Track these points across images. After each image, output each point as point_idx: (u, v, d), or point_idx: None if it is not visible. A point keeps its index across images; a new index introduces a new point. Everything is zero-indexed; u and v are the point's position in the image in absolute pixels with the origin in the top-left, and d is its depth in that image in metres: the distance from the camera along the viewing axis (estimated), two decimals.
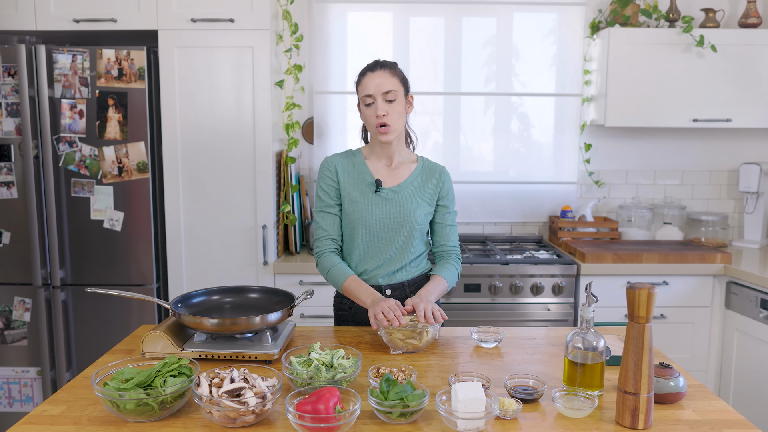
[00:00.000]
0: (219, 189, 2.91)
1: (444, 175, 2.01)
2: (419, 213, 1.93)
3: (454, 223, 2.03)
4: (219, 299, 1.82)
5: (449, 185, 2.01)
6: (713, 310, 3.00)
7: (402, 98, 1.90)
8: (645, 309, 1.24)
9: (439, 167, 2.02)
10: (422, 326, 1.69)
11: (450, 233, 2.02)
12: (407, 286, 1.98)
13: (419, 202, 1.94)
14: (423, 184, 1.97)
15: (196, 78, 2.85)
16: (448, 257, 2.02)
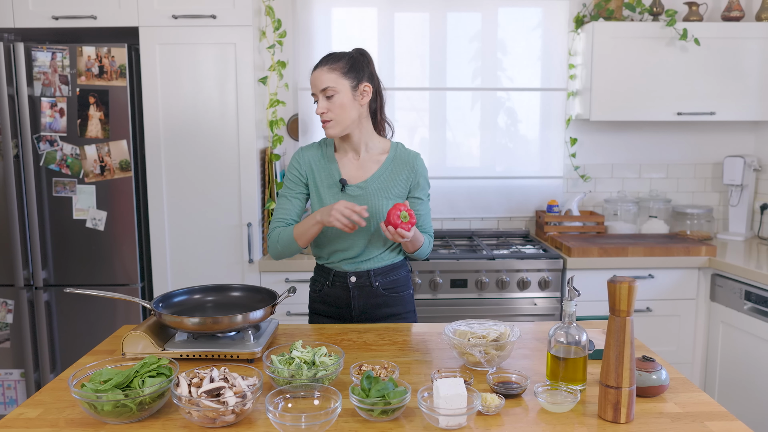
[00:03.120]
0: (203, 187, 2.88)
1: (417, 165, 1.96)
2: (386, 208, 1.89)
3: (426, 209, 2.01)
4: (201, 298, 1.81)
5: (421, 175, 1.97)
6: (698, 303, 3.01)
7: (346, 91, 1.85)
8: (626, 302, 1.24)
9: (411, 157, 1.97)
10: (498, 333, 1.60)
11: (422, 220, 2.00)
12: (373, 275, 1.97)
13: (386, 197, 1.92)
14: (392, 177, 1.94)
15: (179, 75, 2.82)
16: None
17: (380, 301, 2.00)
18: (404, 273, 2.04)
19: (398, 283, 2.02)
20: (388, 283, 1.99)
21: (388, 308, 2.01)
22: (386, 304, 2.01)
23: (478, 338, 1.54)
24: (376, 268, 1.97)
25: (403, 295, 2.03)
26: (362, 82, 1.87)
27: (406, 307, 2.04)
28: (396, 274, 2.01)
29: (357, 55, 1.91)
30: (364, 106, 1.90)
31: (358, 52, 1.92)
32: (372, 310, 2.00)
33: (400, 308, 2.03)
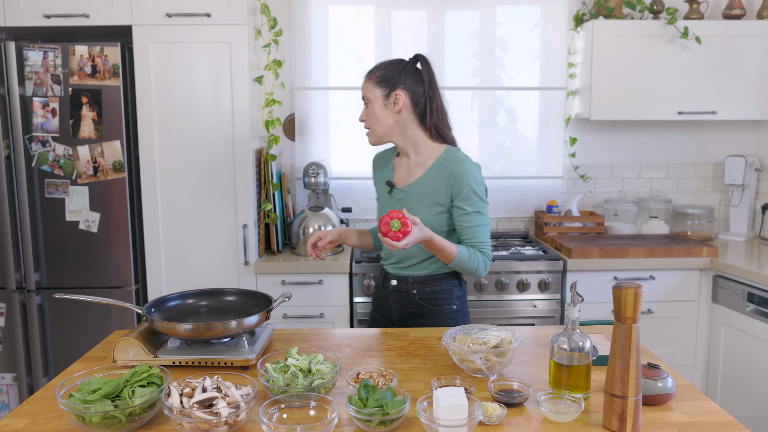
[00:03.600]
0: (198, 188, 2.84)
1: (458, 172, 1.85)
2: (424, 215, 1.87)
3: (477, 223, 1.86)
4: (194, 303, 1.76)
5: (463, 183, 1.84)
6: (700, 305, 2.98)
7: (378, 100, 1.89)
8: (632, 309, 1.20)
9: (455, 163, 1.87)
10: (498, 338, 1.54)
11: (472, 232, 1.86)
12: (412, 283, 1.96)
13: (426, 203, 1.89)
14: (433, 184, 1.89)
15: (173, 74, 2.77)
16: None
17: (418, 311, 1.97)
18: (447, 286, 1.96)
19: (438, 296, 1.96)
20: (427, 293, 1.96)
21: (426, 320, 1.97)
22: (424, 315, 1.97)
23: (478, 345, 1.50)
24: (416, 276, 1.96)
25: (442, 309, 1.96)
26: (395, 90, 1.88)
27: (445, 322, 1.96)
28: (436, 286, 1.95)
29: (397, 62, 1.92)
30: (400, 113, 1.90)
31: (401, 60, 1.93)
32: (410, 319, 1.99)
33: (438, 322, 1.96)
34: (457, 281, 1.99)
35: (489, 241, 1.89)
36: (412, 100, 1.90)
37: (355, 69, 3.36)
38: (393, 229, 1.68)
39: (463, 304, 2.01)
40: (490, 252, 1.89)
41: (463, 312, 2.01)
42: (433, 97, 1.92)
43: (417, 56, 1.94)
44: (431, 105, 1.92)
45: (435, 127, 1.93)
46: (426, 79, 1.91)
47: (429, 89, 1.91)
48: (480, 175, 1.88)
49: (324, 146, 3.41)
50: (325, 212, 3.06)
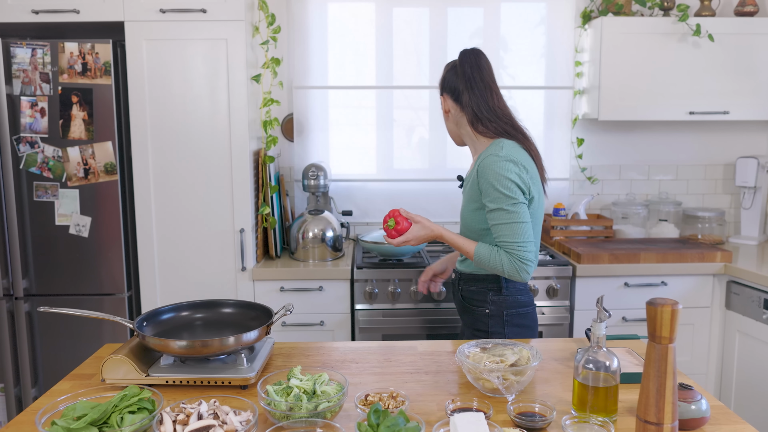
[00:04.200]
0: (193, 191, 2.73)
1: (479, 168, 1.80)
2: (463, 212, 1.92)
3: (500, 220, 1.76)
4: (189, 315, 1.66)
5: (482, 178, 1.78)
6: (713, 311, 2.88)
7: (444, 105, 1.97)
8: (668, 328, 1.10)
9: (482, 159, 1.81)
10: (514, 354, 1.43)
11: (496, 230, 1.78)
12: (459, 278, 2.00)
13: (466, 199, 1.90)
14: (470, 182, 1.89)
15: (167, 73, 2.66)
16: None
17: (461, 306, 2.01)
18: (482, 288, 1.91)
19: (474, 295, 1.94)
20: (466, 291, 1.97)
21: (465, 316, 1.99)
22: (464, 311, 1.99)
23: (495, 362, 1.40)
24: (462, 272, 1.98)
25: (474, 309, 1.93)
26: (441, 94, 1.97)
27: (478, 324, 1.92)
28: (474, 286, 1.93)
29: (445, 67, 1.98)
30: (452, 115, 1.95)
31: (448, 63, 1.98)
32: (459, 312, 2.03)
33: (471, 322, 1.96)
34: (495, 285, 1.89)
35: (520, 240, 1.74)
36: (454, 99, 1.91)
37: (356, 67, 3.25)
38: (389, 227, 1.83)
39: (500, 310, 1.90)
40: (520, 251, 1.74)
41: (499, 319, 1.89)
42: (470, 90, 1.86)
43: (460, 52, 1.94)
44: (470, 99, 1.87)
45: (479, 121, 1.86)
46: (459, 73, 1.89)
47: (464, 84, 1.88)
48: (505, 169, 1.75)
49: (323, 147, 3.30)
50: (325, 216, 2.95)
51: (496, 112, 1.86)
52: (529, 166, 1.81)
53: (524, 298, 1.92)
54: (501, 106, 1.89)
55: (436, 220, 3.38)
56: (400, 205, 3.34)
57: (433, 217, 3.39)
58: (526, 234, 1.75)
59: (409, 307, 2.76)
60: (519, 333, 1.91)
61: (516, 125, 1.89)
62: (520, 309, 1.90)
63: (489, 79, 1.88)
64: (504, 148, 1.79)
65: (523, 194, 1.77)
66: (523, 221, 1.76)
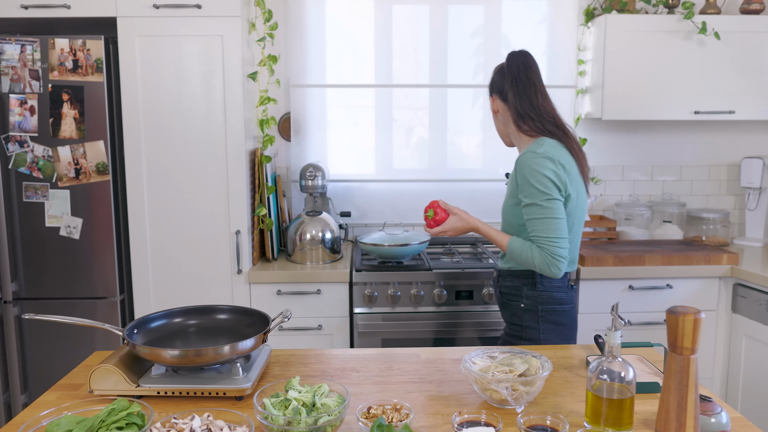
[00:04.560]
0: (188, 191, 2.66)
1: (516, 164, 1.86)
2: (503, 207, 1.96)
3: (534, 215, 1.80)
4: (182, 322, 1.58)
5: (518, 175, 1.83)
6: (719, 314, 2.82)
7: (494, 106, 2.02)
8: (690, 338, 1.03)
9: (520, 155, 1.86)
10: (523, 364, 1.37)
11: (530, 225, 1.82)
12: (498, 275, 2.04)
13: (507, 197, 1.95)
14: (511, 178, 1.93)
15: (161, 70, 2.59)
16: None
17: (500, 301, 2.05)
18: (518, 284, 1.94)
19: (510, 290, 1.98)
20: (504, 288, 2.00)
21: (504, 311, 2.03)
22: (502, 306, 2.03)
23: (503, 372, 1.33)
24: (502, 269, 2.01)
25: (510, 304, 1.98)
26: (490, 95, 2.02)
27: (513, 319, 1.97)
28: (509, 281, 1.97)
29: (494, 69, 2.01)
30: (500, 115, 1.99)
31: (498, 65, 2.01)
32: (499, 307, 2.07)
33: (507, 316, 2.01)
34: (530, 280, 1.92)
35: (552, 236, 1.77)
36: (502, 99, 1.96)
37: (354, 66, 3.19)
38: (428, 217, 1.97)
39: (535, 305, 1.91)
40: (553, 247, 1.77)
41: (534, 314, 1.91)
42: (516, 89, 1.91)
43: (507, 54, 1.99)
44: (514, 98, 1.91)
45: (522, 119, 1.91)
46: (506, 74, 1.94)
47: (509, 83, 1.92)
48: (541, 165, 1.79)
49: (321, 147, 3.23)
50: (323, 217, 2.88)
51: (540, 110, 1.89)
52: (568, 165, 1.83)
53: (561, 296, 1.92)
54: (546, 104, 1.92)
55: None
56: (399, 207, 3.29)
57: None
58: (560, 230, 1.78)
59: (409, 311, 2.69)
60: (554, 330, 1.92)
61: (559, 124, 1.91)
62: (557, 306, 1.91)
63: (535, 79, 1.92)
64: (543, 145, 1.83)
65: (559, 191, 1.80)
66: (556, 217, 1.78)
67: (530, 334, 1.92)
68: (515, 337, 1.95)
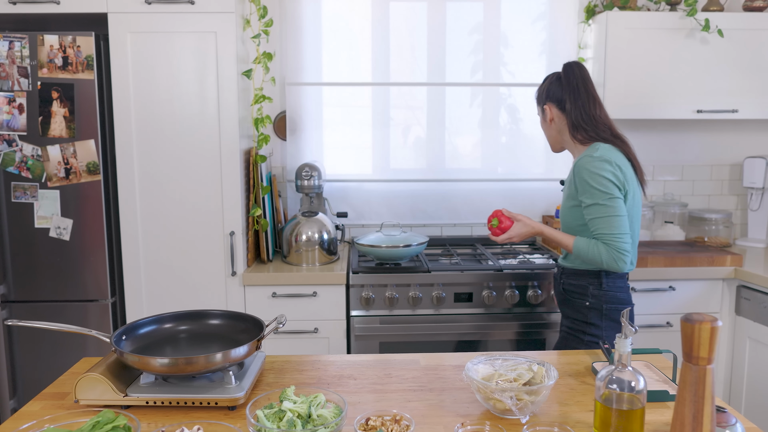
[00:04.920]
0: (181, 192, 2.60)
1: (575, 167, 1.97)
2: (562, 210, 2.07)
3: (597, 214, 1.91)
4: (172, 328, 1.53)
5: (578, 177, 1.95)
6: (722, 317, 2.78)
7: (540, 116, 2.14)
8: (707, 347, 0.98)
9: (579, 159, 1.97)
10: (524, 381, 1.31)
11: (594, 224, 1.92)
12: (561, 273, 2.11)
13: (564, 200, 2.05)
14: (567, 181, 2.03)
15: (153, 67, 2.53)
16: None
17: (562, 299, 2.11)
18: (583, 282, 2.02)
19: (575, 288, 2.05)
20: (568, 285, 2.07)
21: (567, 308, 2.10)
22: (564, 303, 2.10)
23: (508, 381, 1.28)
24: (565, 267, 2.09)
25: (574, 301, 2.05)
26: (545, 104, 2.10)
27: (576, 315, 2.05)
28: (574, 279, 2.05)
29: (548, 77, 2.12)
30: (553, 122, 2.09)
31: (551, 74, 2.12)
32: (559, 304, 2.15)
33: (572, 313, 2.07)
34: (596, 279, 2.00)
35: (616, 232, 1.89)
36: (559, 108, 2.06)
37: (351, 64, 3.13)
38: (493, 226, 2.06)
39: (600, 303, 2.00)
40: (619, 243, 1.88)
41: (598, 312, 2.00)
42: (574, 99, 2.02)
43: (563, 65, 2.09)
44: (572, 107, 2.02)
45: (576, 129, 2.02)
46: (564, 84, 2.04)
47: (567, 93, 2.03)
48: (599, 167, 1.91)
49: (317, 146, 3.17)
50: (319, 218, 2.82)
51: (596, 121, 2.02)
52: (624, 167, 1.95)
53: (623, 296, 2.02)
54: (602, 114, 2.04)
55: (434, 222, 3.27)
56: (396, 207, 3.23)
57: (431, 219, 3.27)
58: (622, 226, 1.89)
59: (407, 314, 2.64)
60: (616, 328, 2.00)
61: (615, 132, 2.03)
62: (619, 305, 2.00)
63: (592, 90, 2.05)
64: (599, 150, 1.95)
65: (619, 190, 1.91)
66: (618, 215, 1.89)
67: (593, 330, 2.01)
68: (578, 332, 2.04)
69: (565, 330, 2.10)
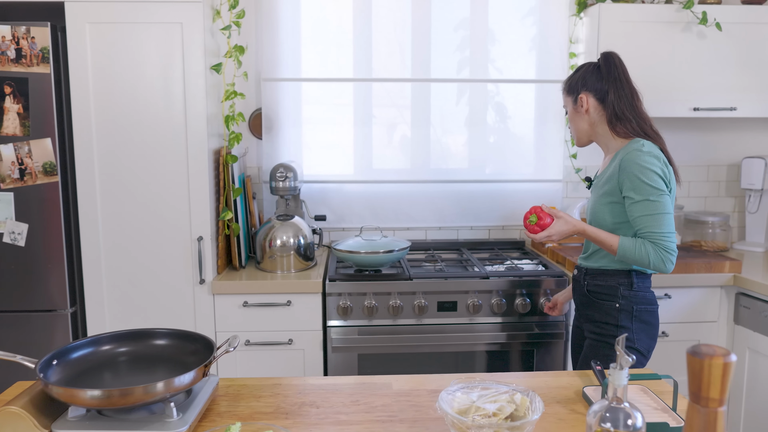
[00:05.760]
0: (145, 194, 2.42)
1: (622, 162, 1.86)
2: (595, 207, 1.96)
3: (647, 212, 1.82)
4: (111, 350, 1.36)
5: (626, 172, 1.84)
6: (720, 326, 2.63)
7: (570, 106, 2.03)
8: (719, 387, 0.83)
9: (624, 153, 1.87)
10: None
11: (642, 222, 1.82)
12: (585, 274, 2.01)
13: (597, 194, 1.96)
14: (605, 176, 1.94)
15: (114, 61, 2.35)
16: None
17: (586, 301, 2.01)
18: (613, 283, 1.94)
19: (603, 290, 1.96)
20: (593, 286, 1.98)
21: (592, 311, 1.99)
22: (590, 306, 1.99)
23: (486, 416, 1.12)
24: (589, 268, 2.01)
25: (602, 304, 1.96)
26: (579, 93, 1.99)
27: (605, 318, 1.94)
28: (602, 280, 1.96)
29: (582, 66, 2.03)
30: (589, 114, 1.99)
31: (585, 63, 2.04)
32: (582, 308, 2.04)
33: (599, 317, 1.96)
34: (626, 280, 1.92)
35: (665, 231, 1.81)
36: (598, 98, 1.97)
37: (331, 58, 2.97)
38: (531, 223, 1.93)
39: (631, 305, 1.92)
40: (667, 242, 1.80)
41: (629, 313, 1.91)
42: (615, 91, 1.94)
43: (601, 54, 2.01)
44: (614, 99, 1.94)
45: (619, 120, 1.94)
46: (605, 74, 1.96)
47: (610, 84, 1.95)
48: (650, 162, 1.82)
49: (295, 145, 3.01)
50: (295, 221, 2.66)
51: (639, 113, 1.95)
52: (668, 165, 1.89)
53: (651, 297, 1.96)
54: (643, 108, 1.98)
55: (418, 225, 3.12)
56: (378, 209, 3.07)
57: (415, 223, 3.12)
58: (670, 224, 1.82)
59: (387, 324, 2.48)
60: (645, 329, 1.94)
61: (654, 128, 1.96)
62: (648, 306, 1.94)
63: (632, 81, 1.99)
64: (645, 145, 1.87)
65: (666, 187, 1.84)
66: (667, 212, 1.82)
67: (612, 330, 1.93)
68: (609, 337, 1.94)
69: (593, 336, 1.97)
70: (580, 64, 2.07)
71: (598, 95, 1.97)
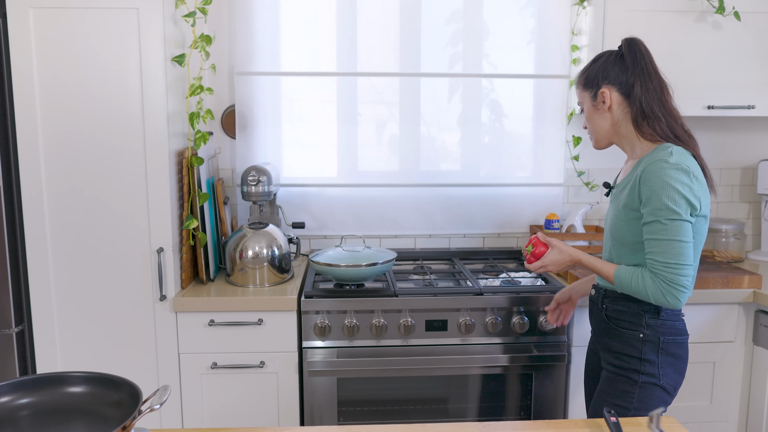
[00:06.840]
0: (98, 201, 2.17)
1: (643, 173, 1.62)
2: (615, 221, 1.73)
3: (656, 235, 1.59)
4: (12, 401, 1.10)
5: (645, 185, 1.61)
6: (737, 346, 2.39)
7: (588, 103, 1.79)
8: None
9: (647, 162, 1.63)
10: None
11: (648, 246, 1.62)
12: (603, 295, 1.80)
13: (615, 205, 1.75)
14: (625, 186, 1.71)
15: (62, 51, 2.09)
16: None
17: (604, 327, 1.80)
18: (636, 310, 1.71)
19: (624, 316, 1.74)
20: (613, 312, 1.77)
21: (611, 340, 1.77)
22: (609, 334, 1.78)
23: None
24: (609, 289, 1.79)
25: (623, 332, 1.73)
26: (600, 88, 1.75)
27: (627, 350, 1.72)
28: (624, 306, 1.74)
29: (600, 56, 1.79)
30: (611, 111, 1.75)
31: (604, 53, 1.79)
32: (599, 334, 1.83)
33: (619, 347, 1.74)
34: (652, 307, 1.69)
35: (672, 261, 1.57)
36: (622, 93, 1.72)
37: (314, 51, 2.72)
38: (528, 252, 1.82)
39: (657, 336, 1.69)
40: (671, 274, 1.57)
41: (654, 346, 1.69)
42: (642, 84, 1.69)
43: (623, 41, 1.76)
44: (642, 93, 1.69)
45: (646, 119, 1.70)
46: (629, 64, 1.71)
47: (636, 75, 1.69)
48: (674, 178, 1.58)
49: (273, 145, 2.75)
50: (269, 230, 2.41)
51: (669, 110, 1.72)
52: (700, 177, 1.64)
53: (681, 326, 1.74)
54: (673, 104, 1.74)
55: (408, 232, 2.87)
56: (364, 216, 2.83)
57: (404, 230, 2.87)
58: (683, 255, 1.58)
59: (370, 345, 2.24)
60: (672, 364, 1.72)
61: (686, 128, 1.73)
62: (677, 337, 1.72)
63: (660, 73, 1.73)
64: (674, 154, 1.62)
65: (691, 210, 1.59)
66: (680, 240, 1.57)
67: (649, 368, 1.70)
68: (630, 371, 1.72)
69: (612, 369, 1.76)
70: (599, 54, 1.82)
71: (623, 89, 1.72)
